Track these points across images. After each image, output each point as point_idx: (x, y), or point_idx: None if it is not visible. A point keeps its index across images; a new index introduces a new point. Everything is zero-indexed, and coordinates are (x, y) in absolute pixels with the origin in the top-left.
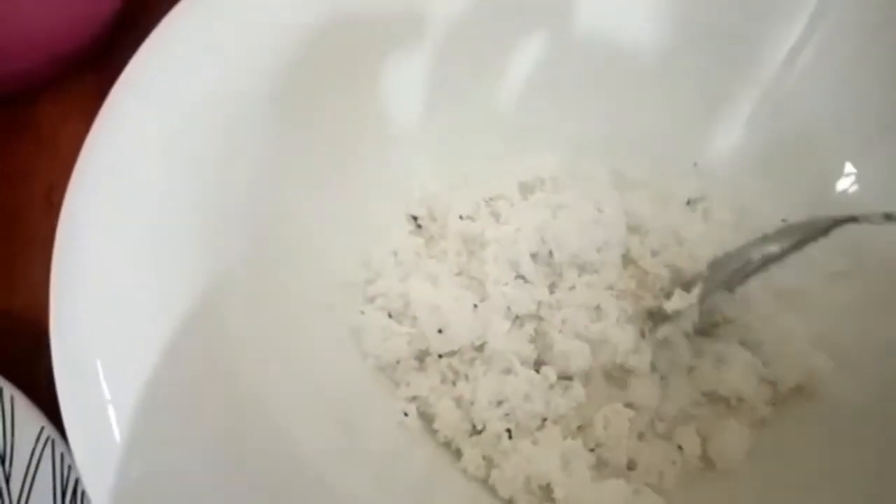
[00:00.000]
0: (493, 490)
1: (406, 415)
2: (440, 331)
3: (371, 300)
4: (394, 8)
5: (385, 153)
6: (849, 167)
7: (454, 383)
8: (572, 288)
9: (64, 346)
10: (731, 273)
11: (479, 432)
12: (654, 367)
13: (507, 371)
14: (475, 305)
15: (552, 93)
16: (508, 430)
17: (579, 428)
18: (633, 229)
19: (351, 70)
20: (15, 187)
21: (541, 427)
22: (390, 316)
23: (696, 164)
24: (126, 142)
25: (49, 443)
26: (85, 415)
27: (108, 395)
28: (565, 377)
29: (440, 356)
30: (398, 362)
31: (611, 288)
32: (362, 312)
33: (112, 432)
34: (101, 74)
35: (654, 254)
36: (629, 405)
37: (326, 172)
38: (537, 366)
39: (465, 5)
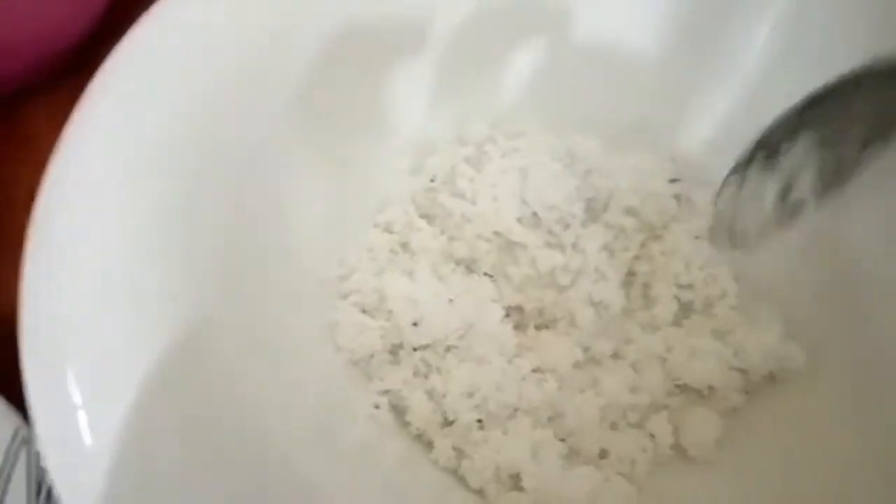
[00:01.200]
0: (463, 480)
1: (377, 407)
2: (415, 324)
3: (345, 296)
4: (396, 13)
5: (368, 154)
6: None
7: (426, 376)
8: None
9: (34, 350)
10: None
11: (451, 423)
12: (621, 357)
13: (481, 362)
14: (450, 300)
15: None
16: (479, 421)
17: (550, 419)
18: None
19: (350, 70)
20: None
21: (512, 417)
22: (364, 311)
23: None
24: (98, 141)
25: (23, 443)
26: (55, 419)
27: (78, 401)
28: (538, 370)
29: (414, 349)
30: (372, 356)
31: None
32: (336, 308)
33: (81, 435)
34: (82, 79)
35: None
36: (599, 395)
37: (306, 171)
38: (515, 356)
39: (466, 14)
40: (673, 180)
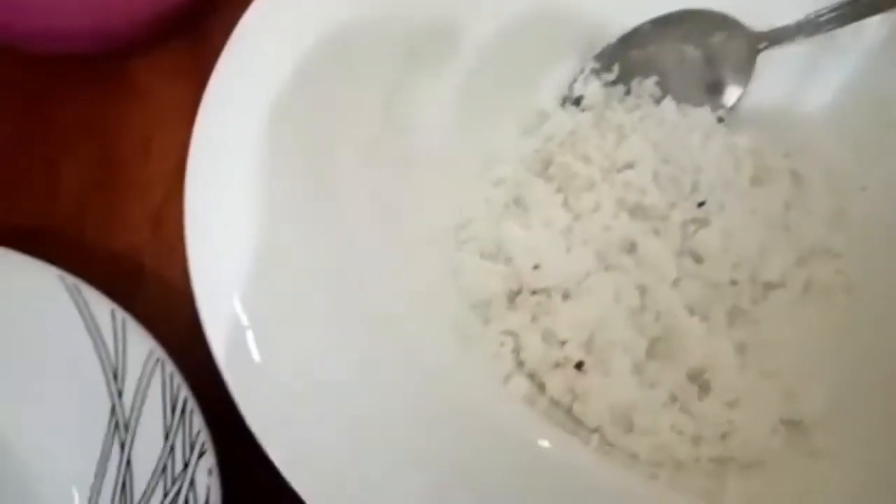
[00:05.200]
0: (577, 420)
1: (502, 345)
2: (536, 267)
3: (463, 243)
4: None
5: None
6: None
7: (538, 319)
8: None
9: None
10: None
11: (561, 365)
12: None
13: (598, 307)
14: (567, 249)
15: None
16: (580, 363)
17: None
18: None
19: None
20: (114, 137)
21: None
22: (483, 257)
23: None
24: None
25: (158, 363)
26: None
27: (246, 322)
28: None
29: (533, 293)
30: (490, 300)
31: None
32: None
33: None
34: (192, 34)
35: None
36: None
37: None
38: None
39: (498, 28)
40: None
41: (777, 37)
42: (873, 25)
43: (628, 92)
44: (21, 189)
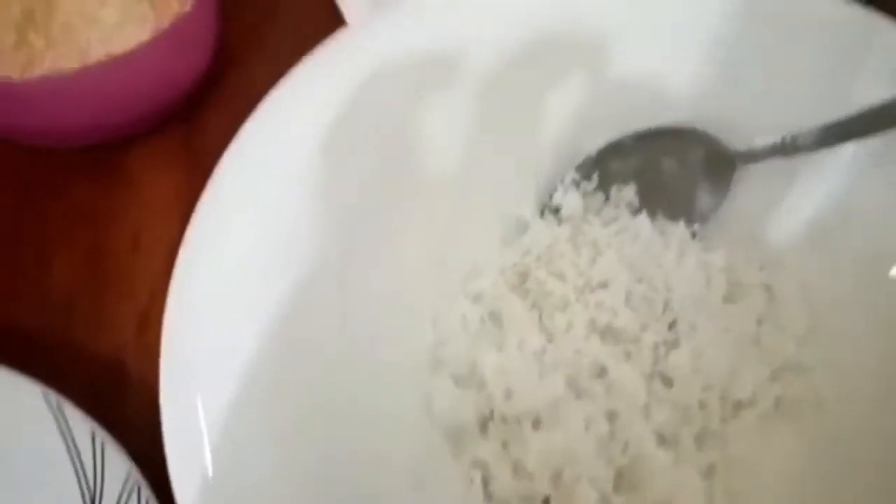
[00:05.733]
0: None
1: (472, 480)
2: (508, 393)
3: (439, 364)
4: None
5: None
6: None
7: (509, 447)
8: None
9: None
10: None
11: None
12: None
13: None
14: (539, 375)
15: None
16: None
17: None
18: None
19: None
20: (104, 230)
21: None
22: (457, 383)
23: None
24: (237, 200)
25: (135, 488)
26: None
27: (204, 431)
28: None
29: (504, 420)
30: (463, 427)
31: None
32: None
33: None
34: (187, 126)
35: None
36: None
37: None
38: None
39: (513, 54)
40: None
41: (754, 156)
42: (850, 146)
43: (607, 198)
44: (13, 287)
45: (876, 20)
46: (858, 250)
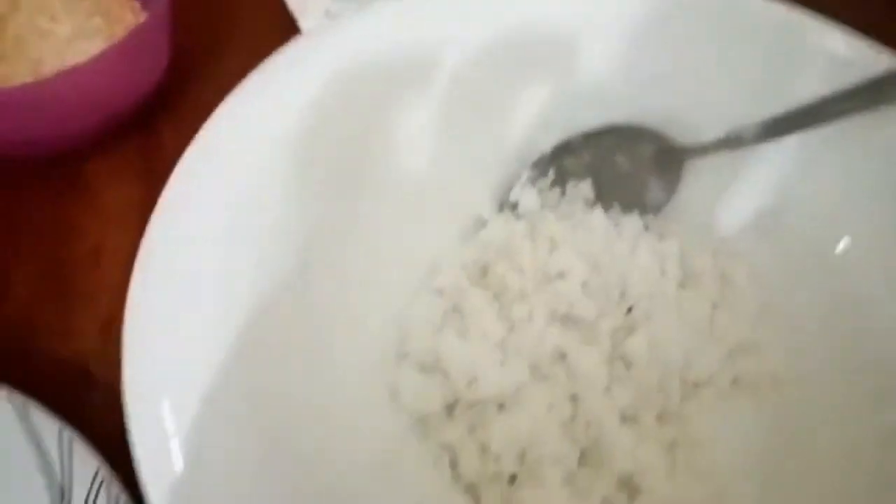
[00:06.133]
0: None
1: (435, 462)
2: (472, 380)
3: (404, 356)
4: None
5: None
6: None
7: (476, 431)
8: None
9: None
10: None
11: (497, 477)
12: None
13: (531, 418)
14: (501, 362)
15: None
16: (513, 476)
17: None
18: None
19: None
20: (64, 243)
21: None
22: (422, 371)
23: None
24: (195, 204)
25: (104, 483)
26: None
27: (171, 431)
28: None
29: (469, 406)
30: (429, 413)
31: None
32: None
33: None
34: (142, 135)
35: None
36: None
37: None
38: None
39: (472, 56)
40: None
41: (702, 150)
42: (791, 139)
43: (564, 194)
44: None
45: (808, 21)
46: (804, 234)
